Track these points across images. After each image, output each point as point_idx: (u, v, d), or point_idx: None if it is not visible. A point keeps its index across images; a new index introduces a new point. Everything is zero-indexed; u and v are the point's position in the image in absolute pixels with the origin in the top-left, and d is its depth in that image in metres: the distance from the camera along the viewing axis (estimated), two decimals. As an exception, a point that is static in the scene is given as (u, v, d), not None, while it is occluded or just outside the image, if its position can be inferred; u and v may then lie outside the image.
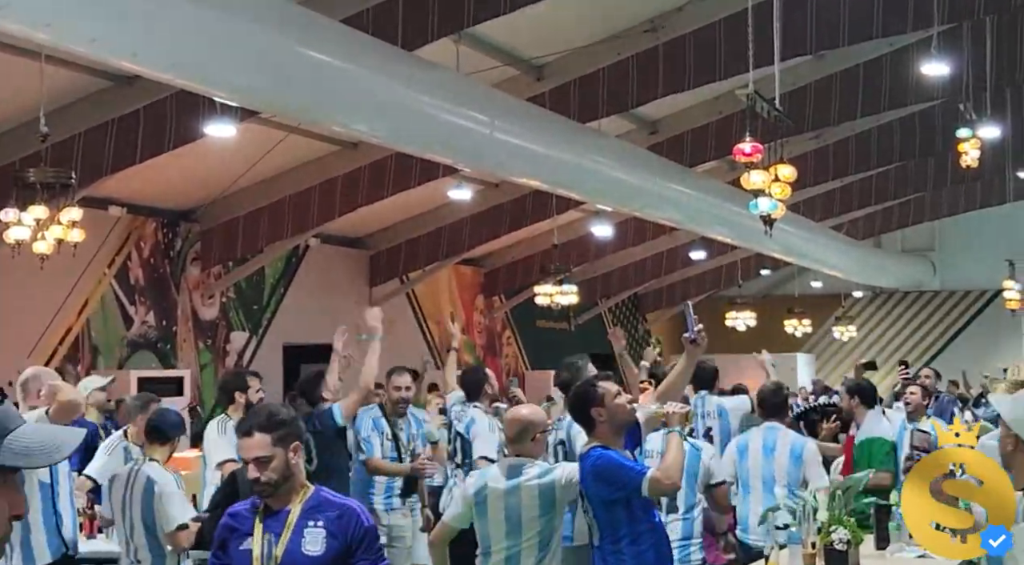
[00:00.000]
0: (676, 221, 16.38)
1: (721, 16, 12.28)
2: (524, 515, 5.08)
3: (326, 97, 8.92)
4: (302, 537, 3.64)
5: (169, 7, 7.25)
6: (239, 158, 13.85)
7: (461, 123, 10.42)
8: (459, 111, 10.37)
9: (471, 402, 7.91)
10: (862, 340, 28.08)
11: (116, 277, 14.55)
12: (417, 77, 9.84)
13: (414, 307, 20.24)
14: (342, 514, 3.71)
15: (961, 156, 12.17)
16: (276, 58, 8.25)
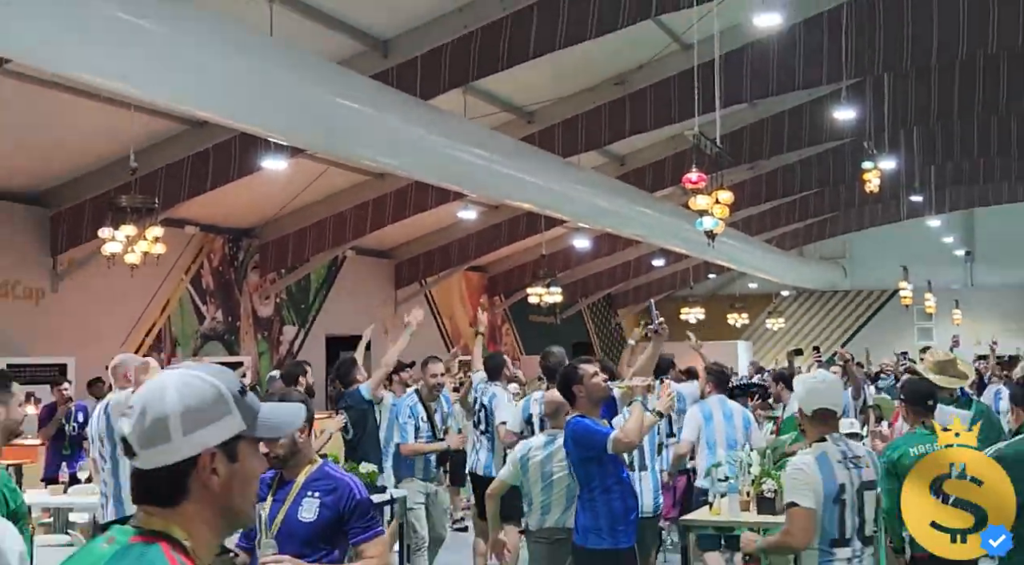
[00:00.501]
0: (640, 236, 16.36)
1: (675, 72, 12.26)
2: (555, 475, 5.20)
3: (358, 138, 8.88)
4: (300, 506, 3.47)
5: (234, 67, 7.22)
6: (289, 187, 13.83)
7: (468, 158, 10.37)
8: (466, 149, 10.33)
9: (492, 381, 7.84)
10: (788, 330, 28.07)
11: (191, 283, 14.53)
12: (432, 122, 9.83)
13: (431, 305, 20.20)
14: (337, 487, 3.50)
15: (865, 183, 12.15)
16: (318, 107, 8.23)
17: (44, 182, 12.20)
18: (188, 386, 1.51)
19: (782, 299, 28.32)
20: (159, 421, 1.48)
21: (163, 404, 1.49)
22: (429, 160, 9.89)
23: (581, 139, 13.36)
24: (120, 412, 5.00)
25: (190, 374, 1.53)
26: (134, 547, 1.45)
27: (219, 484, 1.50)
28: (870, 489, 3.86)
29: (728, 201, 9.04)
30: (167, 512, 1.49)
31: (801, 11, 11.69)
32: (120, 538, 1.48)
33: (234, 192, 12.80)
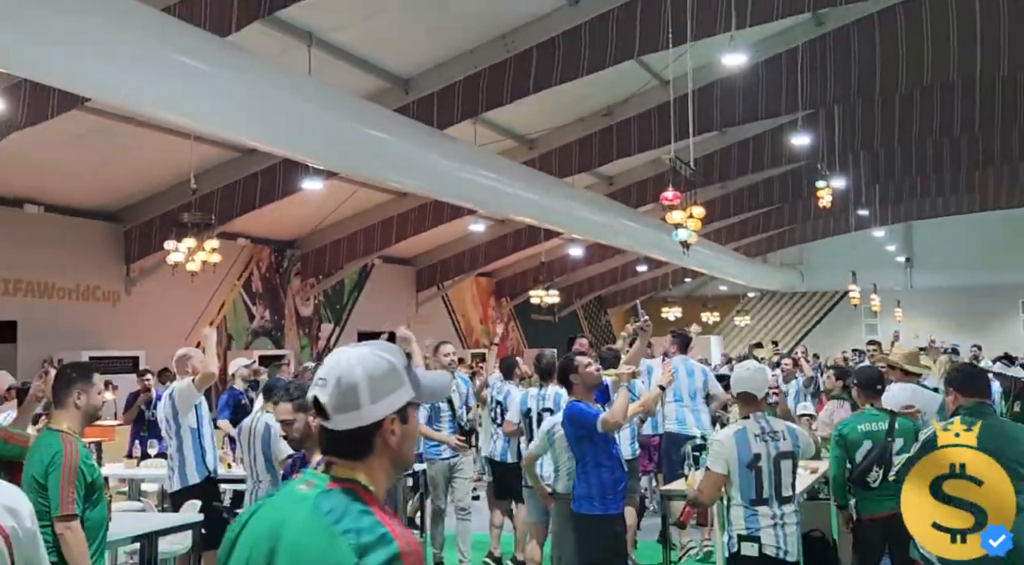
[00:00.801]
0: (626, 245, 16.34)
1: (655, 105, 12.29)
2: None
3: (384, 162, 8.89)
4: None
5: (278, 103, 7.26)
6: (325, 204, 13.87)
7: (478, 180, 10.38)
8: (476, 171, 10.34)
9: (506, 379, 7.81)
10: (754, 326, 28.02)
11: (243, 287, 14.58)
12: (447, 148, 9.85)
13: (447, 306, 20.24)
14: None
15: (819, 200, 12.16)
16: (350, 136, 8.25)
17: (119, 202, 12.27)
18: (370, 361, 1.59)
19: (748, 299, 28.29)
20: (351, 390, 1.56)
21: (353, 376, 1.57)
22: (444, 181, 9.90)
23: (575, 162, 13.38)
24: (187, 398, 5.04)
25: (370, 351, 1.60)
26: (333, 490, 1.55)
27: (395, 442, 1.59)
28: (786, 458, 4.03)
29: (701, 215, 9.06)
30: (355, 464, 1.58)
31: (763, 52, 11.73)
32: (318, 483, 1.57)
33: (279, 209, 12.84)
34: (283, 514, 1.55)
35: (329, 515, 1.51)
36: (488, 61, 10.15)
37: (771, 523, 3.97)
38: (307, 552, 1.49)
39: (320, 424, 1.59)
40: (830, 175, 12.78)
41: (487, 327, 21.79)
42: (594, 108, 12.95)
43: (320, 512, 1.52)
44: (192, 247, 10.08)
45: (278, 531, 1.54)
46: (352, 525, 1.49)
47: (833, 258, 25.40)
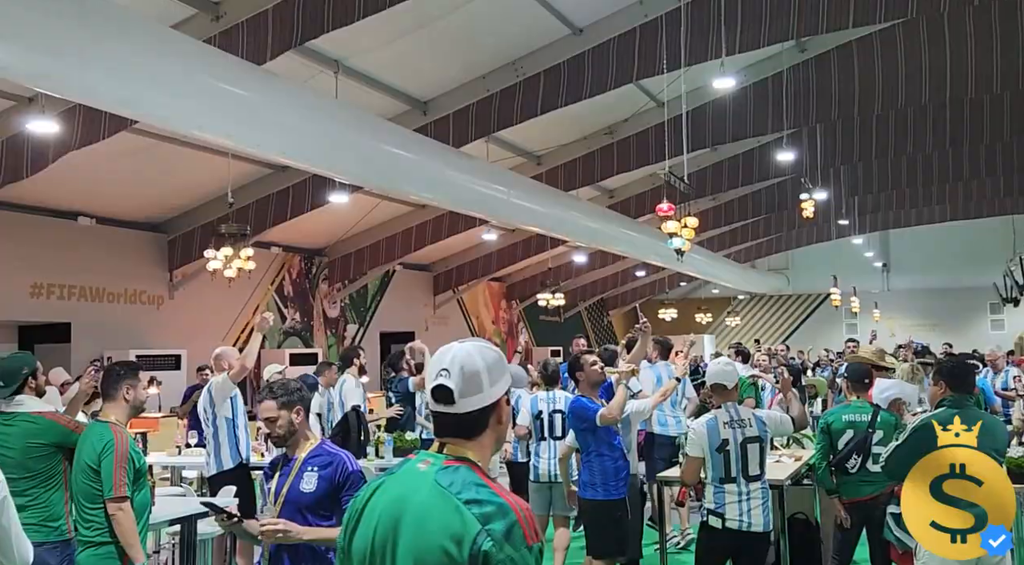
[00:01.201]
0: (626, 252, 16.33)
1: (652, 124, 12.29)
2: None
3: (404, 177, 8.90)
4: (301, 479, 3.13)
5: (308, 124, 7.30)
6: (351, 216, 13.89)
7: (490, 192, 10.38)
8: (488, 185, 10.34)
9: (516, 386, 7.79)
10: (744, 326, 27.93)
11: (276, 291, 14.61)
12: (462, 164, 9.85)
13: (462, 308, 20.25)
14: (332, 462, 3.13)
15: (803, 211, 12.13)
16: (374, 154, 8.27)
17: (162, 214, 12.34)
18: (484, 351, 1.75)
19: (738, 301, 28.21)
20: (475, 376, 1.71)
21: (475, 364, 1.72)
22: (460, 194, 9.91)
23: (579, 177, 13.38)
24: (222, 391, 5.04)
25: (478, 345, 1.76)
26: (450, 467, 1.67)
27: (505, 419, 1.77)
28: (752, 442, 4.23)
29: (694, 225, 9.05)
30: (469, 442, 1.72)
31: (751, 75, 11.73)
32: (435, 461, 1.70)
33: (308, 220, 12.86)
34: (405, 488, 1.68)
35: (451, 488, 1.63)
36: (500, 85, 10.18)
37: (736, 499, 4.17)
38: (433, 521, 1.60)
39: (436, 411, 1.72)
40: (813, 188, 12.75)
41: (499, 327, 21.79)
42: (596, 127, 12.97)
43: (441, 486, 1.64)
44: (229, 255, 10.13)
45: (402, 503, 1.66)
46: (473, 496, 1.61)
47: (816, 263, 25.31)
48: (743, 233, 21.37)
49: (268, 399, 3.21)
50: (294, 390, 3.24)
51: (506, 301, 22.27)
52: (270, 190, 11.82)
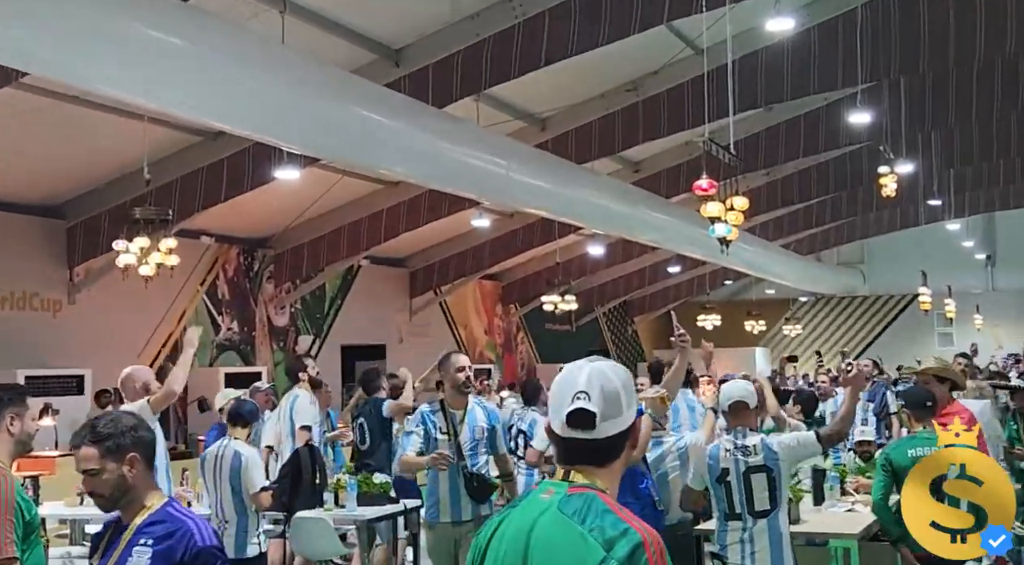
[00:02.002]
0: (656, 242, 16.35)
1: (689, 78, 12.25)
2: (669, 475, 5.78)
3: (372, 147, 8.90)
4: (129, 556, 2.86)
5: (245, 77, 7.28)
6: (303, 196, 13.88)
7: (482, 165, 10.38)
8: (480, 156, 10.34)
9: (530, 406, 7.79)
10: (807, 336, 27.99)
11: (207, 293, 14.61)
12: (446, 129, 9.85)
13: (446, 314, 20.25)
14: (174, 532, 2.86)
15: (882, 188, 12.13)
16: (332, 116, 8.25)
17: (60, 195, 12.31)
18: (616, 369, 2.04)
19: (800, 305, 28.25)
20: (615, 397, 2.00)
21: (613, 384, 2.01)
22: (443, 168, 9.91)
23: (594, 145, 13.36)
24: None
25: (608, 362, 2.06)
26: (574, 495, 1.97)
27: (636, 445, 2.06)
28: (757, 472, 4.53)
29: (743, 207, 9.03)
30: (600, 470, 2.01)
31: (815, 15, 11.70)
32: (558, 490, 1.99)
33: (248, 203, 12.84)
34: (530, 519, 1.99)
35: (574, 516, 1.93)
36: (492, 28, 10.15)
37: (739, 538, 4.46)
38: (558, 550, 1.92)
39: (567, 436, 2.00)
40: (895, 159, 12.75)
41: (492, 339, 21.79)
42: (617, 82, 12.94)
43: (565, 514, 1.94)
44: (146, 247, 10.10)
45: (527, 536, 1.97)
46: (596, 523, 1.90)
47: (900, 256, 25.34)
48: (805, 217, 21.39)
49: (88, 444, 2.88)
50: (125, 430, 2.91)
51: (502, 305, 22.29)
52: (199, 163, 11.81)
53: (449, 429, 5.64)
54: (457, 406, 5.71)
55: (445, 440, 5.61)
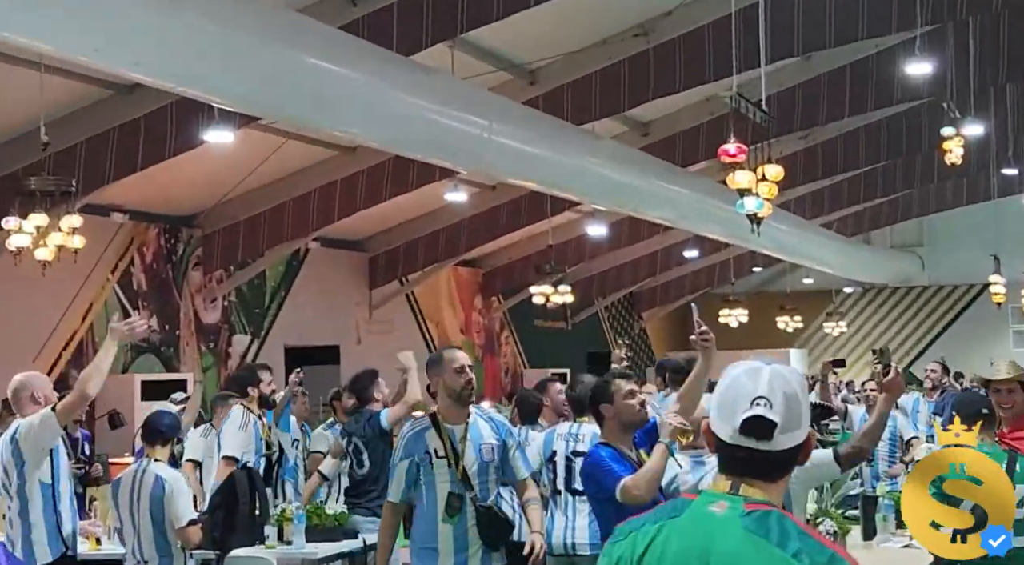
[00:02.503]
0: (669, 220, 16.37)
1: (709, 20, 12.26)
2: None
3: (323, 102, 8.89)
4: None
5: (168, 17, 7.24)
6: (239, 164, 13.83)
7: (459, 127, 10.38)
8: (456, 115, 10.34)
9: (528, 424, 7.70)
10: (853, 335, 28.10)
11: (119, 283, 14.53)
12: (415, 82, 9.83)
13: (413, 308, 20.23)
14: None
15: (946, 154, 12.17)
16: (274, 64, 8.23)
17: (-63, 161, 12.24)
18: (793, 373, 2.21)
19: (844, 297, 28.35)
20: (797, 405, 2.17)
21: (794, 390, 2.18)
22: (410, 129, 9.91)
23: (595, 103, 13.37)
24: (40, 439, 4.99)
25: (785, 366, 2.22)
26: (756, 512, 2.12)
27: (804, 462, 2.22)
28: None
29: (777, 177, 9.05)
30: (770, 486, 2.17)
31: (865, -57, 11.73)
32: (733, 505, 2.14)
33: (171, 172, 12.77)
34: (703, 536, 2.13)
35: (769, 536, 2.07)
36: (471, -43, 10.16)
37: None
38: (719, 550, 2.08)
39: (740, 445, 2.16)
40: (962, 119, 12.79)
41: (470, 338, 21.79)
42: (622, 26, 12.94)
43: (755, 534, 2.09)
44: (43, 226, 10.03)
45: (705, 553, 2.11)
46: (800, 547, 2.04)
47: (967, 237, 25.47)
48: (851, 190, 21.46)
49: None
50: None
51: (483, 297, 22.30)
52: (110, 123, 11.75)
53: (448, 451, 5.23)
54: (455, 419, 5.31)
55: (444, 466, 5.21)
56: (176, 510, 5.94)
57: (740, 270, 25.64)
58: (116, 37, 6.97)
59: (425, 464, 5.25)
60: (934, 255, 27.48)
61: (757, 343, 22.85)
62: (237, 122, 11.12)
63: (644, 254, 23.44)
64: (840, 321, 26.90)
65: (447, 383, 5.32)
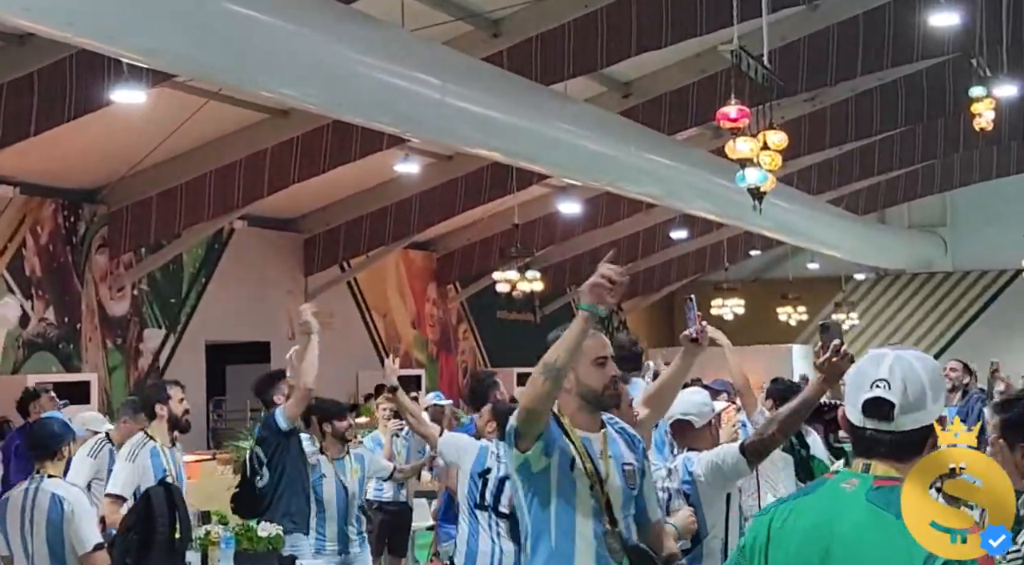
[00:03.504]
0: (653, 196, 16.41)
1: (702, -38, 12.32)
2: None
3: (251, 57, 8.86)
4: None
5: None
6: (151, 129, 13.75)
7: (408, 86, 10.38)
8: (405, 73, 10.35)
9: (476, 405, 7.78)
10: (865, 328, 28.30)
11: (8, 268, 14.44)
12: (357, 34, 9.81)
13: (356, 298, 20.21)
14: None
15: (975, 118, 12.25)
16: (192, 12, 8.18)
17: None
18: (923, 360, 2.68)
19: (856, 285, 28.55)
20: (919, 390, 2.65)
21: (918, 375, 2.66)
22: (353, 89, 9.91)
23: (568, 59, 13.39)
24: None
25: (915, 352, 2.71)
26: (884, 487, 2.63)
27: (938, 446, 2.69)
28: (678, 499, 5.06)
29: (780, 146, 9.11)
30: (901, 466, 2.68)
31: None
32: (862, 481, 2.64)
33: (71, 138, 12.76)
34: (830, 510, 2.62)
35: (889, 509, 2.57)
36: None
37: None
38: (872, 544, 2.55)
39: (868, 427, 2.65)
40: (993, 78, 12.87)
41: (422, 333, 21.79)
42: (601, -33, 12.98)
43: (878, 507, 2.58)
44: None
45: (828, 530, 2.59)
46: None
47: (997, 217, 25.69)
48: (864, 161, 21.59)
49: None
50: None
51: (437, 285, 22.31)
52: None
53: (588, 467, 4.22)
54: (590, 427, 4.33)
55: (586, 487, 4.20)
56: (79, 533, 5.89)
57: (735, 254, 25.77)
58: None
59: (565, 470, 4.22)
60: (959, 236, 27.70)
61: (754, 337, 23.00)
62: (149, 80, 11.07)
63: (624, 235, 23.48)
64: (851, 312, 27.04)
65: (582, 379, 4.32)
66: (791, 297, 26.34)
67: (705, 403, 5.34)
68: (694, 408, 5.28)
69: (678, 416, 5.29)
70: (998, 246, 25.36)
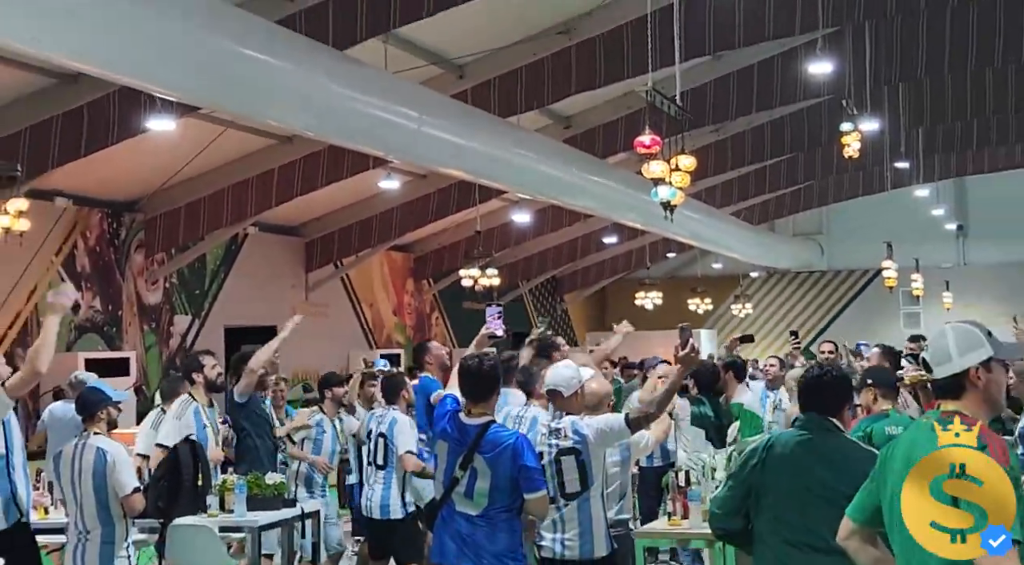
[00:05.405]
0: (590, 208, 16.44)
1: (628, 19, 12.31)
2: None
3: (261, 94, 8.82)
4: None
5: (111, 7, 7.11)
6: (179, 151, 13.67)
7: (390, 118, 10.34)
8: (388, 107, 10.31)
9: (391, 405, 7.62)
10: (758, 317, 28.41)
11: (63, 265, 14.31)
12: (349, 74, 9.78)
13: (348, 291, 20.15)
14: None
15: (844, 148, 12.33)
16: (213, 56, 8.14)
17: None
18: (956, 327, 3.23)
19: (750, 281, 28.67)
20: (942, 348, 3.19)
21: (944, 339, 3.20)
22: (344, 120, 9.85)
23: (520, 97, 13.38)
24: None
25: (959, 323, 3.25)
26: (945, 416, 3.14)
27: (982, 385, 3.19)
28: (567, 454, 5.16)
29: (690, 168, 9.14)
30: (956, 402, 3.18)
31: (771, -50, 11.84)
32: (931, 415, 3.22)
33: (114, 158, 12.62)
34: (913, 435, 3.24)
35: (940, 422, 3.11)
36: (402, -44, 10.09)
37: (551, 520, 5.11)
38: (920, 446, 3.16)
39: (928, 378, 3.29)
40: (859, 115, 12.96)
41: (401, 320, 21.73)
42: (545, 24, 12.95)
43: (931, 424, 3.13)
44: (-9, 209, 9.85)
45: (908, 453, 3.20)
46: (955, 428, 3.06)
47: (862, 226, 25.86)
48: (757, 181, 21.70)
49: None
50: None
51: (414, 280, 22.24)
52: (53, 111, 11.53)
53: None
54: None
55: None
56: (120, 480, 5.85)
57: (655, 255, 25.82)
58: (59, 26, 6.84)
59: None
60: (833, 242, 27.91)
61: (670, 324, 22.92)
62: (178, 111, 11.00)
63: (566, 240, 23.52)
64: (747, 303, 27.17)
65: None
66: (699, 291, 26.44)
67: (573, 376, 5.35)
68: (563, 381, 5.31)
69: (550, 386, 5.36)
70: (863, 250, 25.49)
